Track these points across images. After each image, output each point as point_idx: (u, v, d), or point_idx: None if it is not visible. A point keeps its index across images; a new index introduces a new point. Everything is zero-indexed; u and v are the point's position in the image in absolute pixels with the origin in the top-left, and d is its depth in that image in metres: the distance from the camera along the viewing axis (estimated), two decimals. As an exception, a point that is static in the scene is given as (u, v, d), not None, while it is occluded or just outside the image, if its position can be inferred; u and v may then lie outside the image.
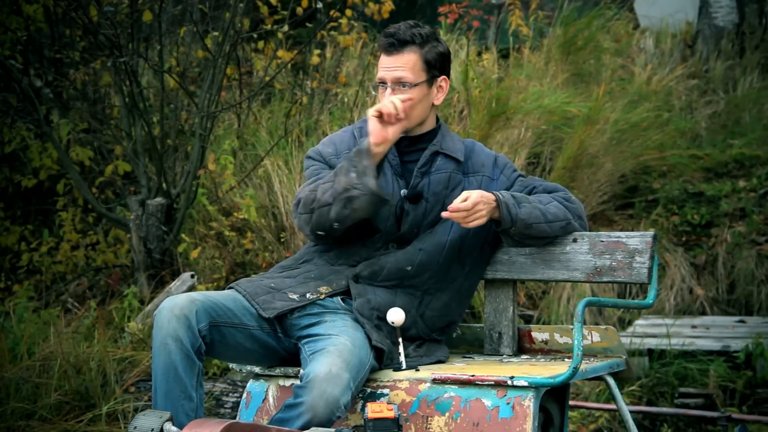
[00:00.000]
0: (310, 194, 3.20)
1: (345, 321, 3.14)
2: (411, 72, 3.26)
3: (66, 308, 6.20)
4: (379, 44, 3.31)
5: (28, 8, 6.63)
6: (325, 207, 3.16)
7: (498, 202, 3.16)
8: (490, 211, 3.16)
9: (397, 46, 3.26)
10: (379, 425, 2.81)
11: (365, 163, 3.12)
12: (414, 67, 3.26)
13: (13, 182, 7.08)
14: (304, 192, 3.24)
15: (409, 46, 3.26)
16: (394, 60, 3.26)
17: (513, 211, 3.17)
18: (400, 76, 3.25)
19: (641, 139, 7.44)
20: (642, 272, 3.20)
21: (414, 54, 3.26)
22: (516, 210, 3.17)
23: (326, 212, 3.16)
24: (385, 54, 3.28)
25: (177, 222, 6.25)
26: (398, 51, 3.26)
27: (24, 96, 6.44)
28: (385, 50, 3.28)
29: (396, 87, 3.25)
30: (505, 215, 3.17)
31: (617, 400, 3.20)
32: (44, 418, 4.60)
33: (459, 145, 3.36)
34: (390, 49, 3.26)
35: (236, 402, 4.77)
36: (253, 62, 7.71)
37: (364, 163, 3.12)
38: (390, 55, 3.27)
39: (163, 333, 2.96)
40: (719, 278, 6.71)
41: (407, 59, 3.26)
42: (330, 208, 3.15)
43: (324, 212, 3.16)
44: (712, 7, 9.55)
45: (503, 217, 3.17)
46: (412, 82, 3.26)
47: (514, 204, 3.18)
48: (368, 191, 3.11)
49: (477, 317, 5.90)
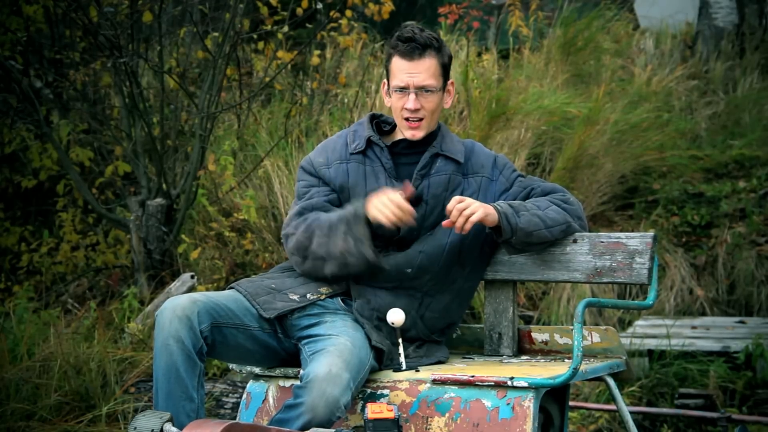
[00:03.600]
0: (303, 239, 3.20)
1: (345, 321, 3.14)
2: (434, 78, 3.22)
3: (66, 309, 6.20)
4: (395, 48, 3.23)
5: (28, 9, 6.63)
6: (320, 261, 3.18)
7: (498, 214, 3.16)
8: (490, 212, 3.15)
9: (419, 51, 3.20)
10: (379, 426, 2.81)
11: (362, 231, 3.12)
12: (435, 72, 3.23)
13: (13, 183, 7.08)
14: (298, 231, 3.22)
15: (428, 51, 3.22)
16: (417, 66, 3.21)
17: (513, 221, 3.15)
18: (426, 84, 3.21)
19: (641, 139, 7.45)
20: (642, 273, 3.20)
21: (434, 59, 3.23)
22: (515, 220, 3.16)
23: (321, 266, 3.19)
24: (406, 59, 3.21)
25: (177, 223, 6.25)
26: (420, 56, 3.21)
27: (24, 97, 6.44)
28: (407, 55, 3.21)
29: (420, 93, 3.22)
30: (505, 226, 3.15)
31: (617, 401, 3.20)
32: (44, 418, 4.60)
33: (459, 146, 3.35)
34: (413, 53, 3.20)
35: (236, 402, 4.77)
36: (253, 63, 7.71)
37: (361, 231, 3.12)
38: (411, 60, 3.21)
39: (164, 333, 2.96)
40: (719, 279, 6.72)
41: (429, 64, 3.22)
42: (325, 263, 3.18)
43: (318, 265, 3.19)
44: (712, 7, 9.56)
45: (503, 228, 3.15)
46: (436, 88, 3.23)
47: (513, 214, 3.16)
48: (364, 260, 3.13)
49: (477, 318, 5.90)
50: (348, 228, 3.13)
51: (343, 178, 3.29)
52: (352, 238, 3.12)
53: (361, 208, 3.14)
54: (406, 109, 3.23)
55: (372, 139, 3.30)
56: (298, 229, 3.22)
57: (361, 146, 3.30)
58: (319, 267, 3.19)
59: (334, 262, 3.15)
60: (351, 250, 3.12)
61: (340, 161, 3.30)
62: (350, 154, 3.31)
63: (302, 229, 3.21)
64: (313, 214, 3.23)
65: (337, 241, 3.13)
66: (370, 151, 3.31)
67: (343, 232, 3.13)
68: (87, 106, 6.86)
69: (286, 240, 3.26)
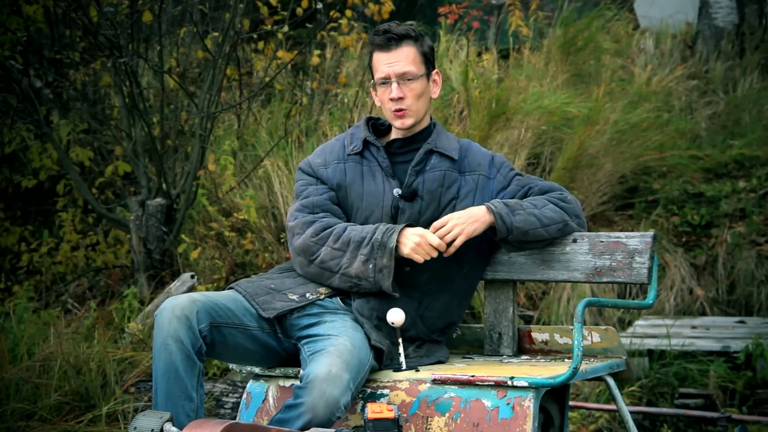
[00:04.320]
0: (311, 243, 3.20)
1: (344, 321, 3.14)
2: (413, 64, 3.27)
3: (66, 309, 6.20)
4: (373, 43, 3.30)
5: (28, 9, 6.63)
6: (328, 272, 3.19)
7: (492, 214, 3.17)
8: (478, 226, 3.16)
9: (395, 41, 3.26)
10: (379, 426, 2.80)
11: (385, 263, 3.12)
12: (414, 59, 3.28)
13: (13, 183, 7.08)
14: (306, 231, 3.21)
15: (405, 40, 3.28)
16: (395, 55, 3.27)
17: (508, 221, 3.17)
18: (405, 70, 3.26)
19: (641, 139, 7.44)
20: (642, 273, 3.20)
21: (412, 47, 3.28)
22: (511, 219, 3.17)
23: (327, 277, 3.20)
24: (383, 51, 3.28)
25: (177, 222, 6.25)
26: (397, 46, 3.27)
27: (24, 96, 6.44)
28: (383, 47, 3.28)
29: (401, 81, 3.26)
30: (500, 225, 3.17)
31: (617, 401, 3.20)
32: (44, 418, 4.60)
33: (453, 143, 3.37)
34: (389, 44, 3.27)
35: (236, 402, 4.77)
36: (253, 63, 7.71)
37: (384, 263, 3.12)
38: (389, 51, 3.27)
39: (164, 333, 2.96)
40: (719, 279, 6.71)
41: (407, 52, 3.27)
42: (333, 276, 3.19)
43: (325, 275, 3.20)
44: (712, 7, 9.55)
45: (498, 227, 3.17)
46: (416, 74, 3.27)
47: (508, 213, 3.17)
48: (378, 288, 3.14)
49: (477, 318, 5.90)
50: (371, 254, 3.14)
51: (340, 177, 3.31)
52: (374, 265, 3.13)
53: (391, 240, 3.14)
54: (391, 100, 3.27)
55: (368, 139, 3.34)
56: (306, 230, 3.23)
57: (358, 147, 3.33)
58: (325, 277, 3.21)
59: (345, 279, 3.17)
60: (368, 276, 3.14)
61: (338, 161, 3.33)
62: (348, 155, 3.33)
63: (311, 231, 3.22)
64: (324, 219, 3.24)
65: (355, 263, 3.15)
66: (366, 151, 3.34)
67: (365, 255, 3.14)
68: (87, 106, 6.86)
69: (292, 236, 3.26)
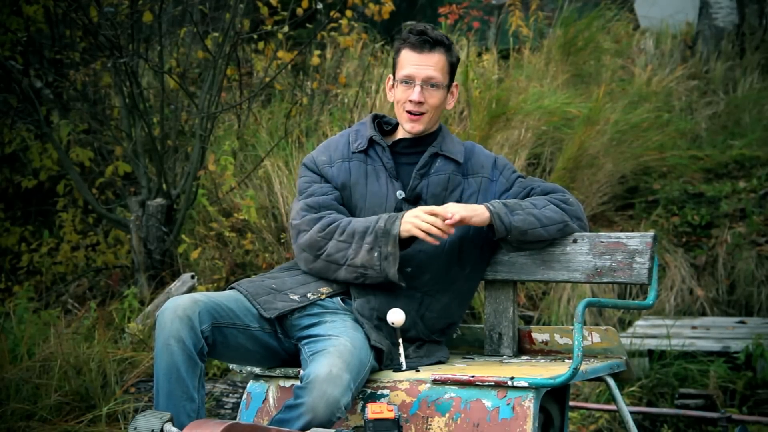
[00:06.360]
0: (319, 238, 3.20)
1: (345, 322, 3.14)
2: (441, 73, 3.25)
3: (66, 309, 6.20)
4: (406, 40, 3.25)
5: (29, 9, 6.63)
6: (334, 265, 3.18)
7: (489, 214, 3.17)
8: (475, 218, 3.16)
9: (430, 44, 3.23)
10: (379, 426, 2.81)
11: (390, 250, 3.12)
12: (443, 68, 3.25)
13: (14, 183, 7.08)
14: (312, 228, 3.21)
15: (438, 46, 3.25)
16: (426, 58, 3.23)
17: (506, 221, 3.16)
18: (432, 76, 3.23)
19: (641, 139, 7.45)
20: (642, 273, 3.20)
21: (443, 56, 3.25)
22: (509, 219, 3.17)
23: (334, 270, 3.19)
24: (415, 51, 3.23)
25: (177, 223, 6.25)
26: (430, 50, 3.23)
27: (24, 97, 6.44)
28: (416, 47, 3.23)
29: (425, 86, 3.23)
30: (498, 225, 3.16)
31: (617, 401, 3.20)
32: (44, 418, 4.60)
33: (459, 146, 3.36)
34: (423, 46, 3.23)
35: (236, 403, 4.77)
36: (254, 63, 7.71)
37: (389, 249, 3.12)
38: (420, 52, 3.23)
39: (165, 333, 2.96)
40: (719, 279, 6.72)
41: (438, 59, 3.24)
42: (339, 269, 3.18)
43: (332, 269, 3.19)
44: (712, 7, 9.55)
45: (496, 226, 3.17)
46: (441, 83, 3.25)
47: (507, 213, 3.17)
48: (384, 276, 3.13)
49: (477, 318, 5.90)
50: (376, 242, 3.13)
51: (345, 177, 3.30)
52: (379, 253, 3.13)
53: (394, 227, 3.14)
54: (410, 101, 3.24)
55: (374, 138, 3.32)
56: (312, 227, 3.22)
57: (363, 145, 3.31)
58: (332, 270, 3.20)
59: (351, 270, 3.17)
60: (374, 265, 3.13)
61: (343, 159, 3.31)
62: (352, 153, 3.32)
63: (318, 227, 3.21)
64: (331, 215, 3.24)
65: (361, 252, 3.14)
66: (371, 150, 3.32)
67: (370, 244, 3.14)
68: (87, 106, 6.86)
69: (297, 235, 3.25)
